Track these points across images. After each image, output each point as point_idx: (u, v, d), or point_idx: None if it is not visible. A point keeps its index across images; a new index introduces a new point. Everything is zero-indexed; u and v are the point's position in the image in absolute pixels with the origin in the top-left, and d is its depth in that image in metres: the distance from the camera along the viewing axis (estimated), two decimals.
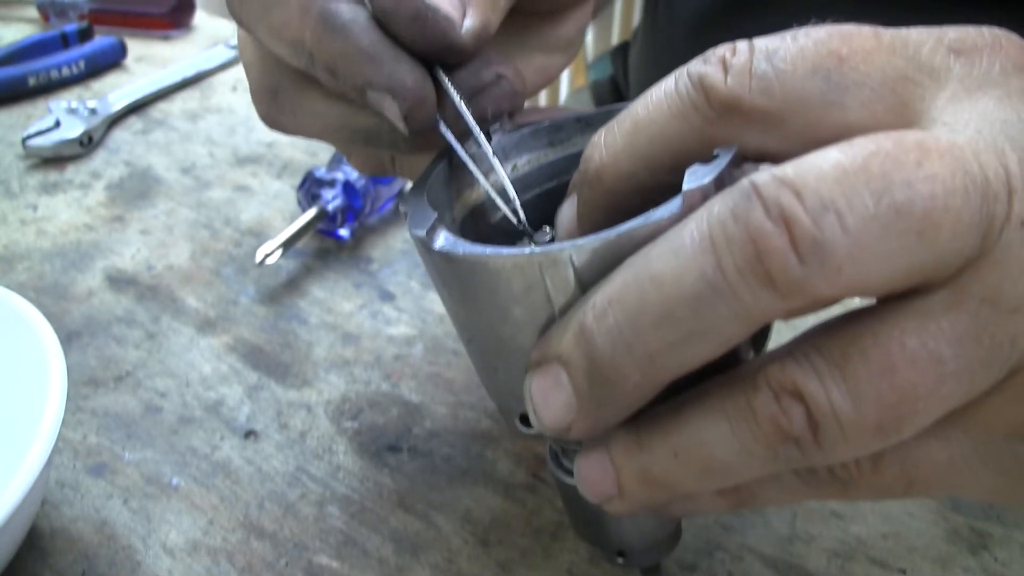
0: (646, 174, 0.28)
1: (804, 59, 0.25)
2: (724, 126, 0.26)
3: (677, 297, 0.23)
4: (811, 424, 0.23)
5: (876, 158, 0.22)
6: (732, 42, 0.27)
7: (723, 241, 0.22)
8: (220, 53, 0.80)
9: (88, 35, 0.81)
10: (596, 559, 0.38)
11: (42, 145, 0.65)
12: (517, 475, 0.42)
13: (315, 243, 0.57)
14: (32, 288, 0.53)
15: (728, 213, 0.22)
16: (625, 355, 0.24)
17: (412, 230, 0.29)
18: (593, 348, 0.24)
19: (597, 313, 0.24)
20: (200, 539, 0.39)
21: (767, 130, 0.26)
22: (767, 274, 0.21)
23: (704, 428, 0.25)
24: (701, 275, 0.22)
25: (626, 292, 0.24)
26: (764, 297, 0.22)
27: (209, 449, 0.43)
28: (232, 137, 0.69)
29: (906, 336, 0.22)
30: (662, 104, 0.27)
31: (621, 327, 0.24)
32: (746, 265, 0.22)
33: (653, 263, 0.23)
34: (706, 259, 0.22)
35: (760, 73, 0.26)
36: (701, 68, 0.27)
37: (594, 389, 0.25)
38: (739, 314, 0.22)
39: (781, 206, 0.21)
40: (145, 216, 0.60)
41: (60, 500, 0.40)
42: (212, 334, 0.50)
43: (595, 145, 0.29)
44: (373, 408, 0.45)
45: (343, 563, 0.38)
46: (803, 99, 0.25)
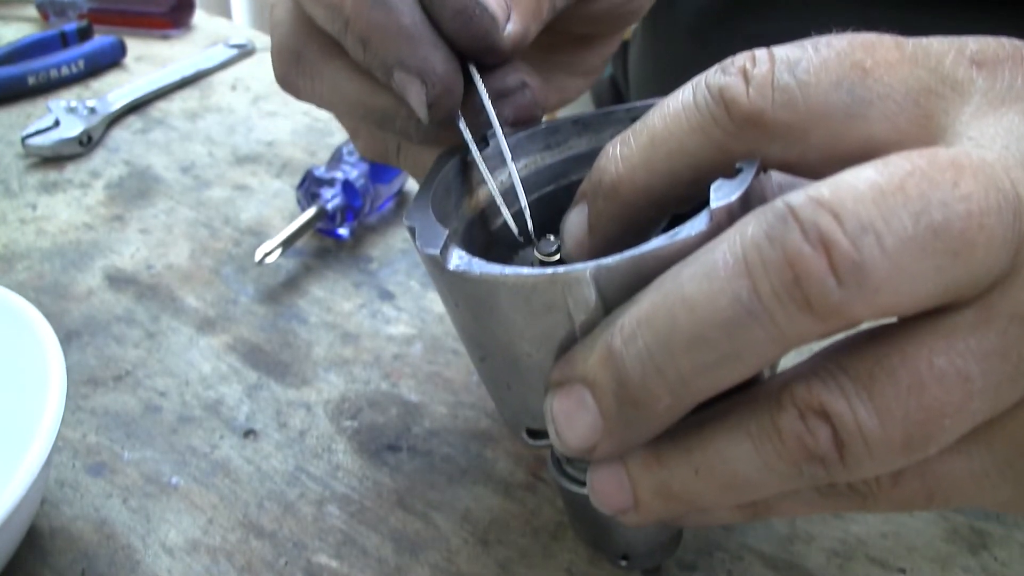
0: (664, 187, 0.28)
1: (827, 71, 0.25)
2: (745, 139, 0.26)
3: (711, 321, 0.22)
4: (837, 443, 0.23)
5: (912, 178, 0.21)
6: (751, 51, 0.26)
7: (759, 264, 0.22)
8: (219, 52, 0.80)
9: (87, 34, 0.81)
10: (595, 559, 0.38)
11: (41, 144, 0.65)
12: (517, 475, 0.42)
13: (314, 242, 0.57)
14: (32, 287, 0.53)
15: (763, 235, 0.22)
16: (656, 378, 0.23)
17: (424, 249, 0.28)
18: (622, 371, 0.24)
19: (626, 336, 0.24)
20: (199, 538, 0.39)
21: (789, 144, 0.26)
22: (805, 298, 0.21)
23: (727, 446, 0.24)
24: (736, 299, 0.22)
25: (656, 315, 0.23)
26: (801, 320, 0.21)
27: (208, 448, 0.43)
28: (231, 136, 0.69)
29: (934, 355, 0.22)
30: (680, 117, 0.27)
31: (651, 350, 0.23)
32: (783, 289, 0.21)
33: (685, 286, 0.23)
34: (741, 282, 0.22)
35: (783, 85, 0.25)
36: (721, 79, 0.26)
37: (623, 411, 0.25)
38: (775, 337, 0.22)
39: (819, 228, 0.21)
40: (144, 215, 0.60)
41: (59, 499, 0.40)
42: (211, 333, 0.50)
43: (610, 157, 0.29)
44: (372, 407, 0.45)
45: (342, 562, 0.38)
46: (827, 112, 0.25)
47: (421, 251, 0.28)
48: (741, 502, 0.27)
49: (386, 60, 0.30)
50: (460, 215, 0.34)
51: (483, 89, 0.32)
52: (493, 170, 0.33)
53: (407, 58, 0.30)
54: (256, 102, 0.75)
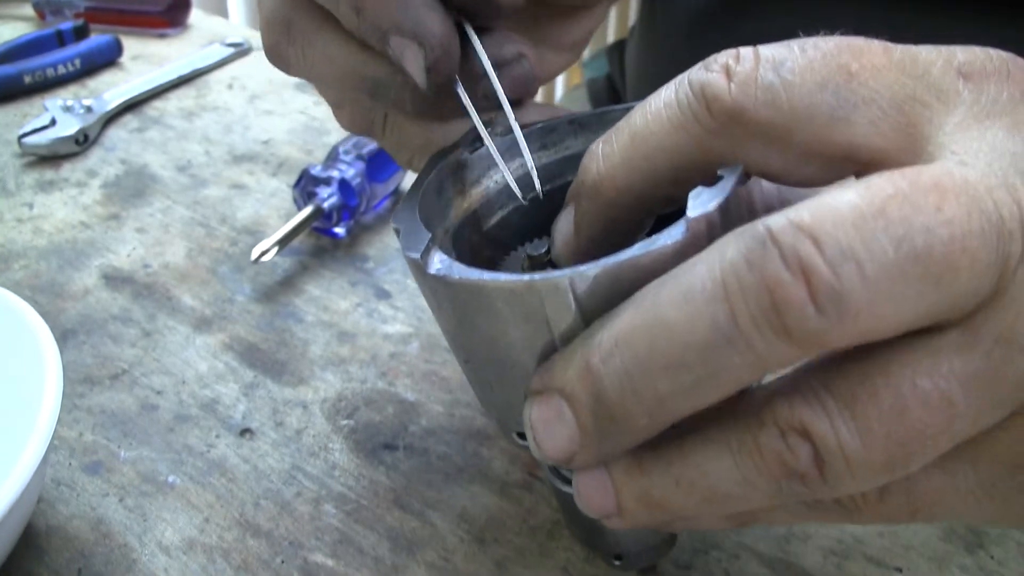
0: (645, 186, 0.27)
1: (813, 72, 0.25)
2: (726, 138, 0.25)
3: (688, 344, 0.22)
4: (817, 461, 0.22)
5: (894, 201, 0.21)
6: (735, 48, 0.26)
7: (737, 289, 0.21)
8: (216, 51, 0.80)
9: (84, 33, 0.81)
10: (592, 557, 0.38)
11: (38, 143, 0.65)
12: (513, 473, 0.42)
13: (311, 241, 0.57)
14: (28, 286, 0.53)
15: (742, 260, 0.22)
16: (633, 398, 0.23)
17: (406, 252, 0.28)
18: (600, 388, 0.24)
19: (604, 353, 0.24)
20: (196, 537, 0.39)
21: (770, 144, 0.25)
22: (783, 325, 0.21)
23: (707, 460, 0.24)
24: (713, 323, 0.22)
25: (634, 334, 0.23)
26: (779, 347, 0.21)
27: (205, 447, 0.43)
28: (228, 135, 0.69)
29: (918, 376, 0.22)
30: (661, 114, 0.27)
31: (629, 370, 0.23)
32: (761, 315, 0.21)
33: (663, 307, 0.23)
34: (719, 307, 0.22)
35: (767, 84, 0.25)
36: (703, 76, 0.26)
37: (600, 426, 0.25)
38: (752, 363, 0.22)
39: (799, 255, 0.21)
40: (141, 214, 0.60)
41: (56, 498, 0.40)
42: (208, 332, 0.50)
43: (592, 156, 0.29)
44: (369, 406, 0.45)
45: (339, 561, 0.38)
46: (810, 114, 0.25)
47: (404, 254, 0.28)
48: (724, 514, 0.27)
49: (381, 25, 0.30)
50: (451, 216, 0.33)
51: (482, 51, 0.32)
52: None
53: (403, 22, 0.30)
54: (253, 101, 0.75)
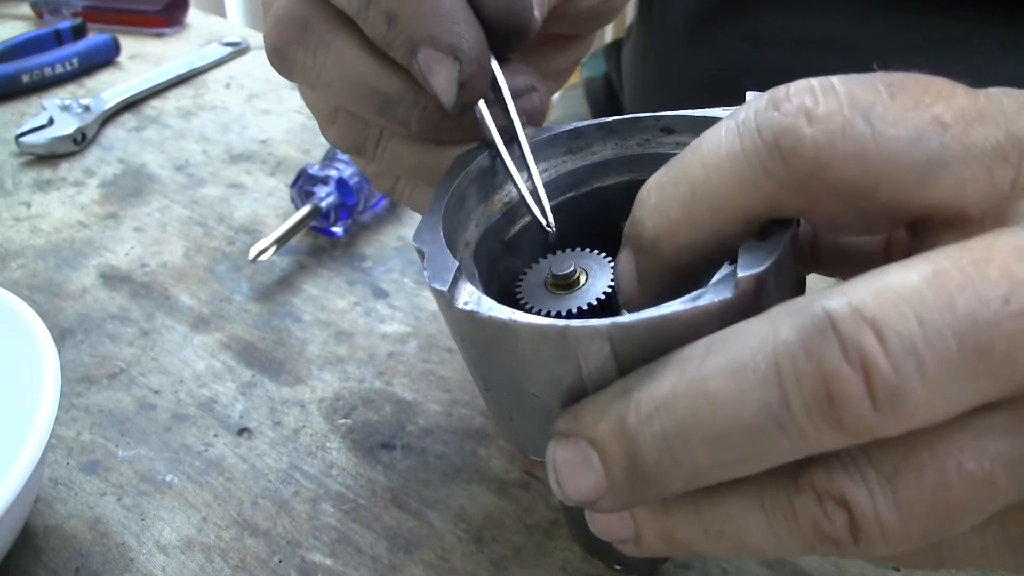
0: (708, 243, 0.25)
1: (906, 123, 0.22)
2: (802, 195, 0.23)
3: (734, 423, 0.21)
4: (852, 529, 0.22)
5: (962, 293, 0.20)
6: (808, 81, 0.23)
7: (791, 375, 0.20)
8: (214, 51, 0.80)
9: (81, 32, 0.81)
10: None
11: (36, 142, 0.65)
12: (511, 473, 0.42)
13: (309, 240, 0.57)
14: (26, 286, 0.53)
15: (799, 345, 0.20)
16: (671, 465, 0.23)
17: (432, 284, 0.27)
18: (636, 450, 0.23)
19: (642, 415, 0.23)
20: (194, 536, 0.39)
21: (849, 202, 0.23)
22: (837, 417, 0.20)
23: (739, 513, 0.24)
24: (764, 406, 0.21)
25: (676, 402, 0.22)
26: (829, 436, 0.21)
27: (203, 446, 0.43)
28: (226, 134, 0.69)
29: (964, 456, 0.21)
30: (723, 168, 0.24)
31: (669, 438, 0.22)
32: (815, 405, 0.20)
33: (709, 380, 0.22)
34: (770, 391, 0.21)
35: (856, 134, 0.22)
36: (776, 120, 0.23)
37: (632, 483, 0.24)
38: (799, 447, 0.21)
39: (861, 348, 0.20)
40: (139, 213, 0.60)
41: (53, 497, 0.40)
42: (206, 331, 0.50)
43: (645, 208, 0.26)
44: (366, 405, 0.45)
45: (336, 560, 0.38)
46: (898, 173, 0.22)
47: (429, 284, 0.27)
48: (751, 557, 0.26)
49: (415, 35, 0.29)
50: (473, 227, 0.32)
51: (503, 79, 0.31)
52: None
53: (440, 34, 0.29)
54: (250, 100, 0.75)
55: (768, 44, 0.62)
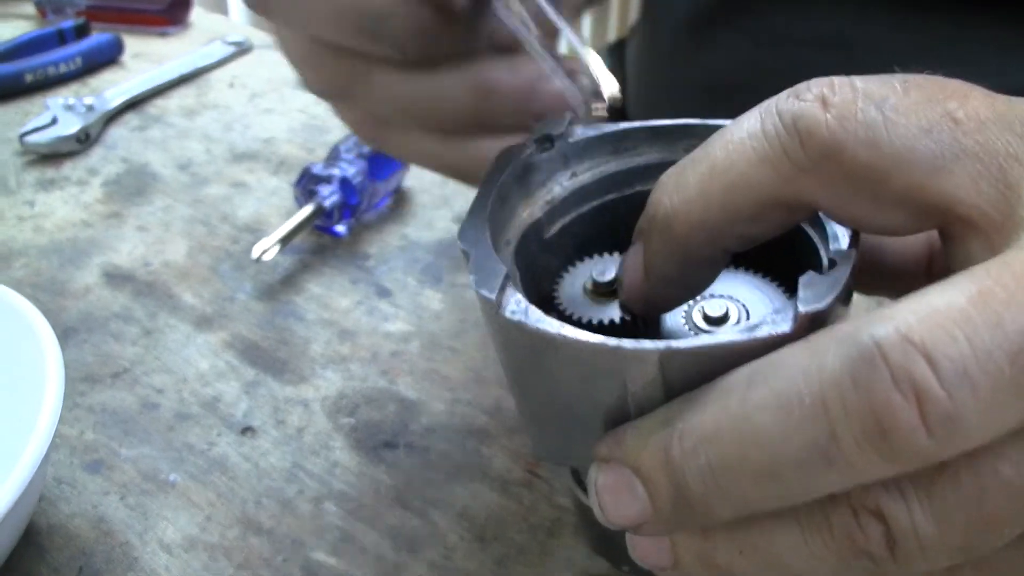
0: (722, 223, 0.25)
1: (917, 114, 0.23)
2: (817, 176, 0.23)
3: (782, 457, 0.21)
4: (889, 542, 0.21)
5: (1009, 311, 0.20)
6: (827, 77, 0.24)
7: (840, 409, 0.20)
8: (217, 50, 0.80)
9: (85, 32, 0.81)
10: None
11: (39, 142, 0.65)
12: (514, 471, 0.42)
13: (312, 239, 0.57)
14: (29, 284, 0.53)
15: (847, 376, 0.20)
16: (718, 497, 0.23)
17: (479, 290, 0.26)
18: (682, 482, 0.23)
19: (687, 448, 0.23)
20: (197, 535, 0.39)
21: (862, 187, 0.23)
22: (890, 448, 0.20)
23: (775, 530, 0.23)
24: (812, 442, 0.20)
25: (721, 435, 0.22)
26: (881, 466, 0.20)
27: (206, 445, 0.43)
28: (229, 133, 0.69)
29: (1001, 462, 0.21)
30: (745, 145, 0.24)
31: (715, 471, 0.22)
32: (865, 438, 0.20)
33: (754, 413, 0.21)
34: (819, 426, 0.20)
35: (868, 120, 0.23)
36: (796, 106, 0.24)
37: (677, 512, 0.24)
38: (849, 479, 0.21)
39: (912, 376, 0.19)
40: (142, 213, 0.60)
41: (57, 496, 0.40)
42: (209, 330, 0.50)
43: (664, 187, 0.26)
44: (370, 404, 0.45)
45: (340, 559, 0.38)
46: (912, 159, 0.23)
47: (475, 290, 0.26)
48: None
49: None
50: (515, 225, 0.31)
51: None
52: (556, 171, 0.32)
53: None
54: (253, 99, 0.75)
55: (771, 44, 0.62)
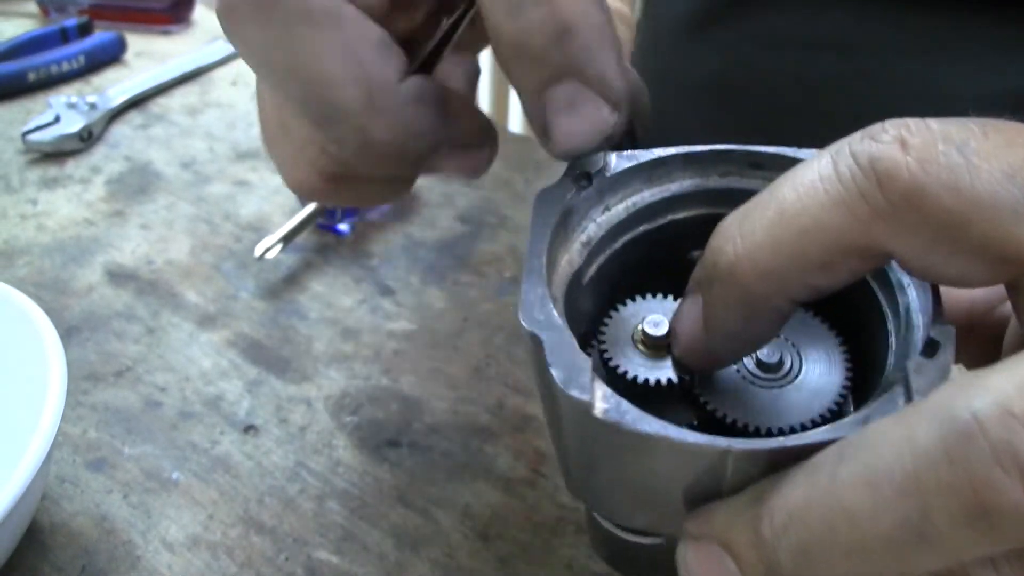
0: (791, 271, 0.24)
1: (999, 158, 0.22)
2: (896, 223, 0.22)
3: (874, 536, 0.20)
4: None
5: None
6: (902, 119, 0.23)
7: (934, 487, 0.19)
8: (220, 48, 0.80)
9: (88, 30, 0.81)
10: (596, 555, 0.38)
11: (42, 140, 0.65)
12: (517, 470, 0.42)
13: (315, 238, 0.57)
14: (32, 283, 0.53)
15: (942, 452, 0.19)
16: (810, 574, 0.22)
17: (567, 390, 0.23)
18: (774, 561, 0.22)
19: (777, 527, 0.22)
20: (200, 534, 0.39)
21: (943, 235, 0.22)
22: (991, 526, 0.19)
23: None
24: (904, 520, 0.19)
25: (810, 513, 0.21)
26: (982, 544, 0.19)
27: (209, 444, 0.43)
28: (232, 132, 0.69)
29: None
30: (817, 189, 0.23)
31: (807, 550, 0.21)
32: (965, 518, 0.19)
33: (843, 493, 0.20)
34: (911, 503, 0.19)
35: (951, 163, 0.22)
36: (872, 148, 0.22)
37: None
38: (946, 558, 0.20)
39: (1015, 451, 0.18)
40: (145, 211, 0.60)
41: (60, 495, 0.40)
42: (212, 329, 0.50)
43: (726, 234, 0.25)
44: (373, 403, 0.45)
45: (343, 558, 0.38)
46: (994, 205, 0.21)
47: (560, 386, 0.23)
48: None
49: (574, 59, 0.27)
50: (558, 278, 0.29)
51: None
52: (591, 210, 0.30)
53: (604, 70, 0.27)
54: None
55: (771, 45, 0.62)
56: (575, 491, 0.29)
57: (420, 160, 0.31)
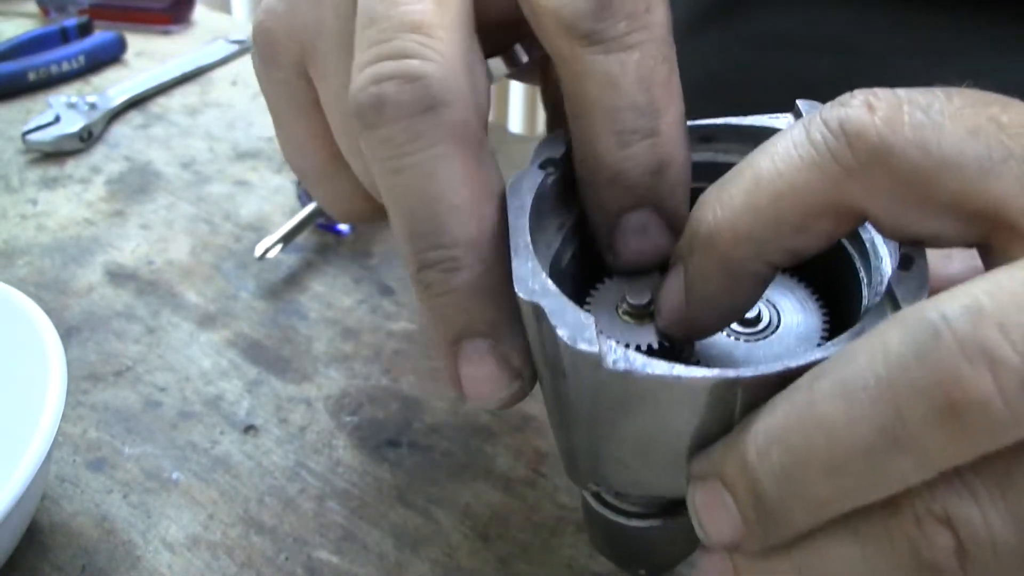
0: (768, 234, 0.25)
1: (963, 118, 0.23)
2: (865, 181, 0.23)
3: (850, 448, 0.20)
4: (959, 555, 0.20)
5: None
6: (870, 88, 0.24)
7: (906, 388, 0.19)
8: (220, 48, 0.80)
9: (88, 30, 0.81)
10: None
11: (42, 140, 0.65)
12: (517, 470, 0.42)
13: (315, 238, 0.57)
14: (32, 283, 0.53)
15: (911, 353, 0.19)
16: (792, 499, 0.22)
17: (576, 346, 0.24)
18: (758, 486, 0.22)
19: (760, 450, 0.22)
20: (200, 534, 0.39)
21: (913, 190, 0.23)
22: (962, 425, 0.19)
23: (832, 546, 0.22)
24: (879, 427, 0.20)
25: (789, 432, 0.21)
26: (956, 448, 0.19)
27: (209, 444, 0.43)
28: (232, 132, 0.69)
29: None
30: (791, 153, 0.24)
31: (787, 470, 0.22)
32: (936, 416, 0.19)
33: (819, 405, 0.21)
34: (885, 408, 0.20)
35: (916, 122, 0.22)
36: (841, 111, 0.23)
37: (761, 520, 0.23)
38: (924, 465, 0.20)
39: (982, 344, 0.19)
40: (145, 211, 0.60)
41: (60, 495, 0.40)
42: (212, 329, 0.50)
43: (705, 204, 0.26)
44: (373, 403, 0.45)
45: (343, 558, 0.38)
46: (960, 162, 0.22)
47: (568, 344, 0.24)
48: None
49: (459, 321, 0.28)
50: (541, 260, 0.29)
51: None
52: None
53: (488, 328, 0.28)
54: (256, 98, 0.74)
55: (768, 45, 0.62)
56: (579, 475, 0.29)
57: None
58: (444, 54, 0.27)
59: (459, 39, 0.28)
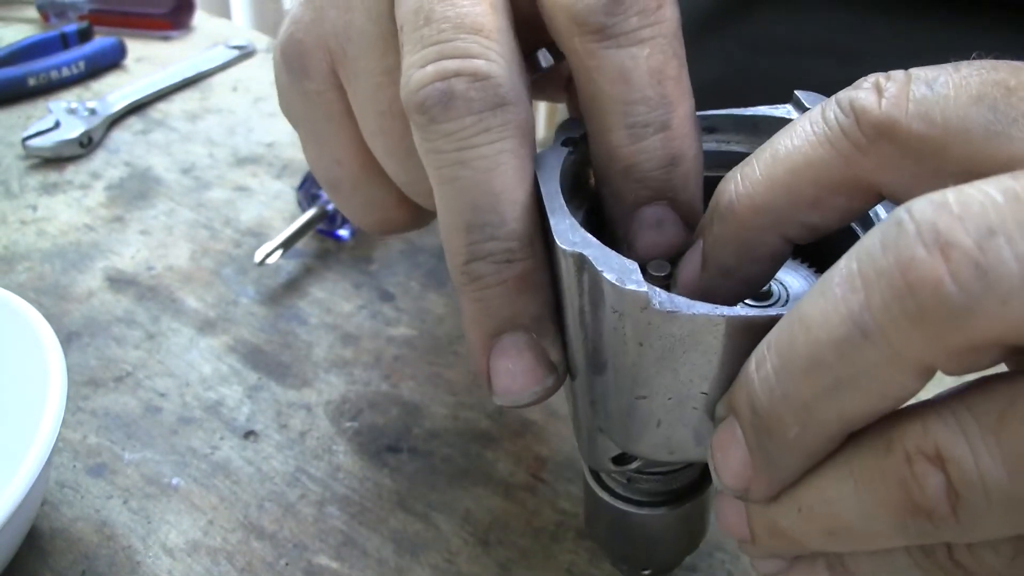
0: (785, 206, 0.25)
1: (968, 86, 0.23)
2: (876, 154, 0.24)
3: (824, 341, 0.21)
4: (950, 495, 0.20)
5: None
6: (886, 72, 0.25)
7: (872, 275, 0.20)
8: (220, 53, 0.80)
9: (88, 36, 0.81)
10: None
11: (42, 145, 0.65)
12: (517, 475, 0.42)
13: (315, 243, 0.57)
14: (32, 288, 0.53)
15: (877, 244, 0.20)
16: (781, 404, 0.22)
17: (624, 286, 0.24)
18: (754, 398, 0.23)
19: (758, 360, 0.23)
20: (200, 539, 0.39)
21: (923, 161, 0.23)
22: (919, 308, 0.19)
23: (829, 485, 0.23)
24: (848, 315, 0.20)
25: (779, 336, 0.22)
26: (916, 337, 0.19)
27: (209, 449, 0.43)
28: (232, 137, 0.69)
29: None
30: (806, 131, 0.25)
31: (776, 374, 0.22)
32: (894, 299, 0.19)
33: (802, 306, 0.22)
34: (854, 297, 0.20)
35: (919, 97, 0.23)
36: (851, 93, 0.24)
37: (760, 441, 0.23)
38: (890, 359, 0.20)
39: (937, 228, 0.19)
40: (145, 216, 0.60)
41: (60, 500, 0.40)
42: (212, 334, 0.50)
43: (727, 180, 0.27)
44: (373, 408, 0.45)
45: (343, 563, 0.38)
46: (966, 127, 0.22)
47: (616, 285, 0.25)
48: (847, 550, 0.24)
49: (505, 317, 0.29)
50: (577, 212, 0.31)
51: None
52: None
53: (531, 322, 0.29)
54: (256, 103, 0.75)
55: (768, 50, 0.62)
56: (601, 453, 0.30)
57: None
58: (505, 56, 0.28)
59: (512, 42, 0.29)
